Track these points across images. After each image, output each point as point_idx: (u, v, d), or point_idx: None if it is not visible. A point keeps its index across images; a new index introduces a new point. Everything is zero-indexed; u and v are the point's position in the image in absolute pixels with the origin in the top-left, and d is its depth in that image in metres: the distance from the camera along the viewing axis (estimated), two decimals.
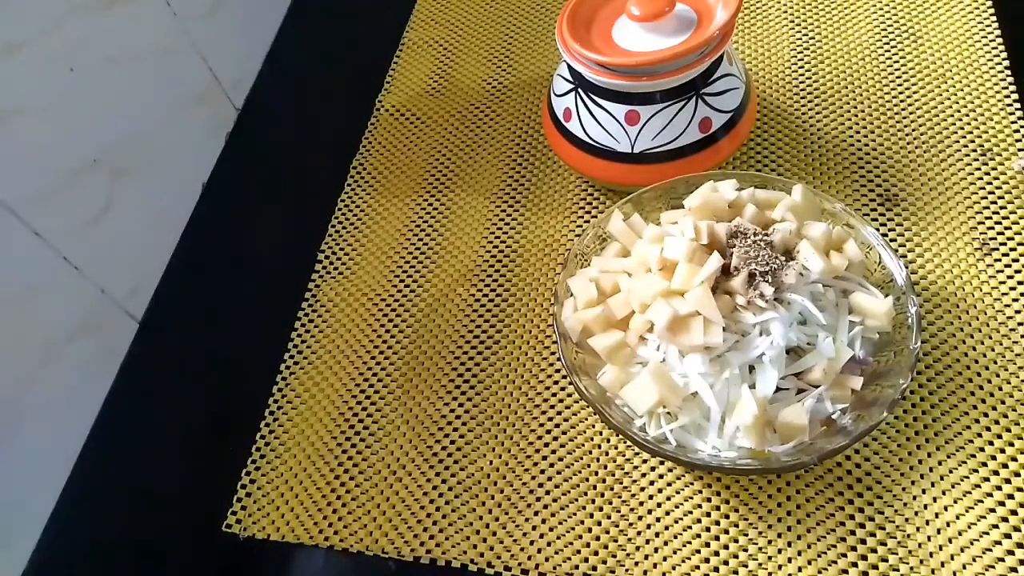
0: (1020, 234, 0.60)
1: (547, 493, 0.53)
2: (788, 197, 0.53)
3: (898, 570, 0.48)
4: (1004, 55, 0.70)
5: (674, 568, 0.49)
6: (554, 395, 0.57)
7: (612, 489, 0.53)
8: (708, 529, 0.50)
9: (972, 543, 0.48)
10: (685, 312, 0.47)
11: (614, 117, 0.60)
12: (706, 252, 0.49)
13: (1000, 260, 0.59)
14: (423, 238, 0.67)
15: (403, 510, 0.54)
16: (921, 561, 0.48)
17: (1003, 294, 0.57)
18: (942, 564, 0.47)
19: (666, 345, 0.48)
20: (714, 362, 0.47)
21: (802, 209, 0.52)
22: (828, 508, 0.50)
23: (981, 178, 0.63)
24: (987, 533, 0.48)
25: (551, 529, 0.52)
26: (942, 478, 0.50)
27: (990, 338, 0.55)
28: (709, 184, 0.54)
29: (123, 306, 0.64)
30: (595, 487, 0.53)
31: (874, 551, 0.48)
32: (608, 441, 0.55)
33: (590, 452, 0.54)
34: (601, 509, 0.52)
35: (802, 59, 0.73)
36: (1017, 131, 0.65)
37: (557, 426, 0.56)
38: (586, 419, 0.56)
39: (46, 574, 0.55)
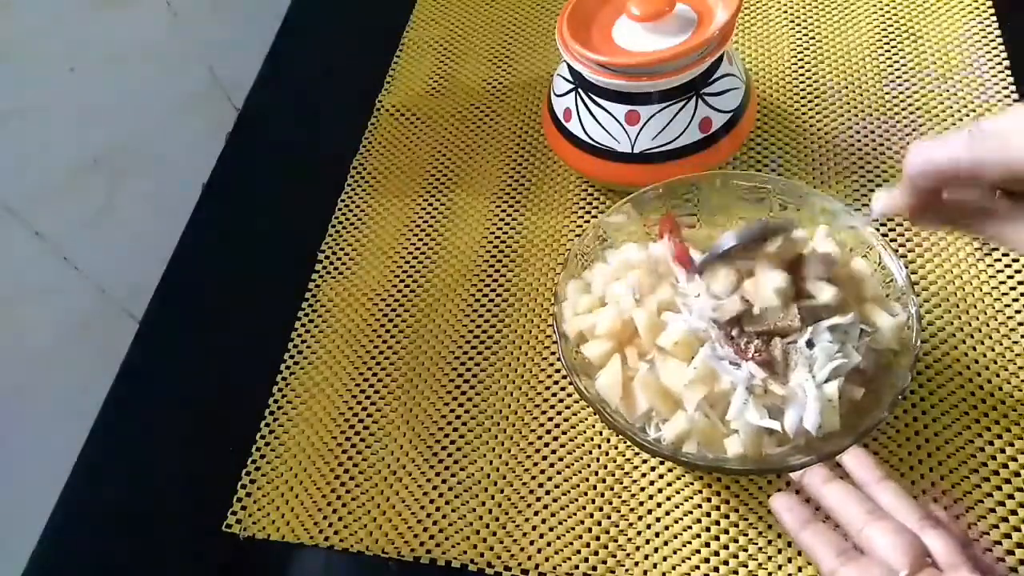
0: None
1: (547, 493, 0.53)
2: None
3: None
4: (1004, 55, 0.70)
5: (674, 568, 0.49)
6: (554, 395, 0.57)
7: (612, 489, 0.53)
8: (708, 529, 0.50)
9: (972, 543, 0.48)
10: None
11: (614, 117, 0.60)
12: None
13: (1000, 260, 0.59)
14: (423, 238, 0.67)
15: (403, 510, 0.54)
16: None
17: (1003, 294, 0.57)
18: None
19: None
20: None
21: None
22: None
23: None
24: (987, 533, 0.48)
25: (551, 529, 0.52)
26: (942, 478, 0.50)
27: (990, 338, 0.55)
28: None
29: (123, 306, 0.64)
30: (595, 487, 0.53)
31: None
32: (608, 441, 0.55)
33: (590, 452, 0.54)
34: (601, 509, 0.52)
35: (802, 59, 0.73)
36: None
37: (557, 426, 0.56)
38: (586, 419, 0.56)
39: (46, 574, 0.55)
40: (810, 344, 0.46)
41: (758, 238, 0.48)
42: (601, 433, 0.55)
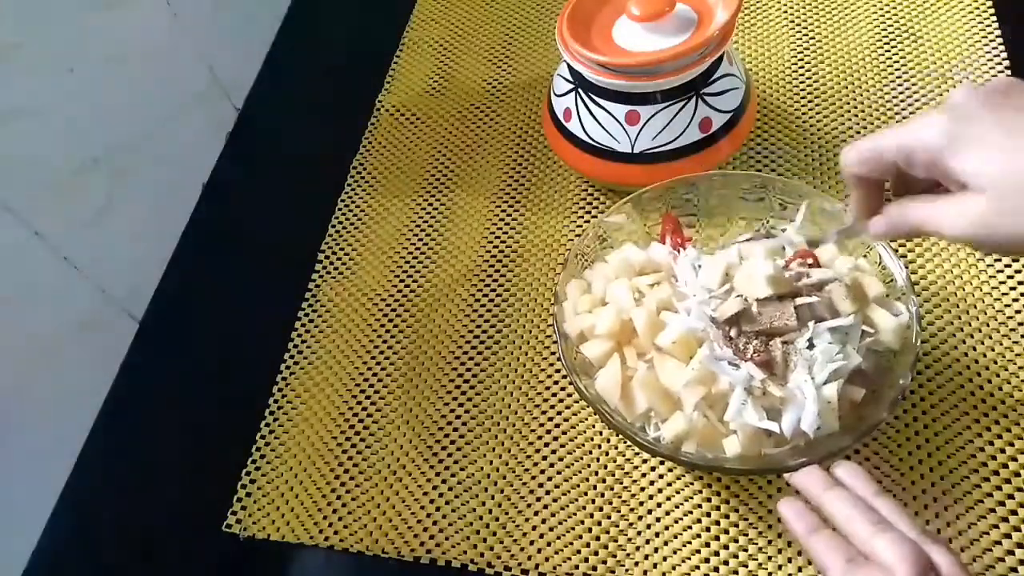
0: None
1: (547, 493, 0.53)
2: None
3: None
4: (1004, 55, 0.70)
5: (674, 568, 0.49)
6: (554, 395, 0.57)
7: (612, 489, 0.53)
8: (708, 529, 0.50)
9: (972, 543, 0.48)
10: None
11: (614, 117, 0.60)
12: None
13: (1000, 260, 0.59)
14: (423, 238, 0.67)
15: (403, 510, 0.54)
16: None
17: (1003, 294, 0.57)
18: None
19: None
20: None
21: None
22: None
23: None
24: (987, 533, 0.48)
25: (551, 529, 0.52)
26: (942, 478, 0.50)
27: (990, 338, 0.55)
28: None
29: (123, 306, 0.64)
30: (595, 487, 0.53)
31: None
32: (608, 441, 0.55)
33: (590, 452, 0.54)
34: (601, 509, 0.52)
35: (802, 59, 0.73)
36: None
37: (557, 426, 0.56)
38: (586, 419, 0.56)
39: (46, 574, 0.55)
40: (810, 345, 0.46)
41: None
42: (601, 433, 0.55)
